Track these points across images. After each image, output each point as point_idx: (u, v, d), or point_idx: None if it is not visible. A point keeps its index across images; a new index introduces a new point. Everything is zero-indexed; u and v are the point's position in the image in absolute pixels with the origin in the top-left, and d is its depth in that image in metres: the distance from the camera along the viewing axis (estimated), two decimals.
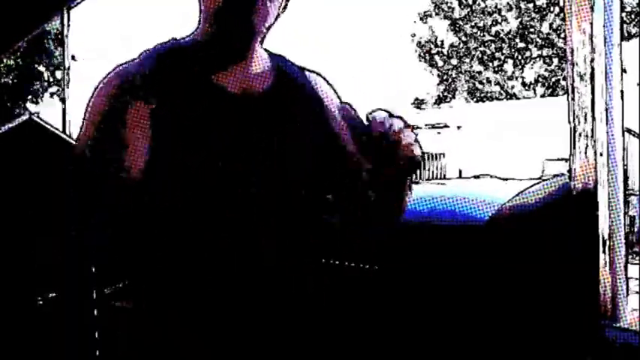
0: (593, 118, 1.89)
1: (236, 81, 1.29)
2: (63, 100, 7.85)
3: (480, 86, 31.93)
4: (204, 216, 1.22)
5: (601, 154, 1.88)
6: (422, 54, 32.91)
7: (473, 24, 31.58)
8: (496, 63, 31.81)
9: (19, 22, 3.64)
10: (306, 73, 1.42)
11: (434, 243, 2.62)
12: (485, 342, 2.40)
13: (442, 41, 32.42)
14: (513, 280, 2.42)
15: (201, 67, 1.28)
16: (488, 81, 31.90)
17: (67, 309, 1.23)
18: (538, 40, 30.86)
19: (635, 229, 10.81)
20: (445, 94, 32.78)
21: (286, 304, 1.27)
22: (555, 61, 30.61)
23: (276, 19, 1.32)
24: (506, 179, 3.76)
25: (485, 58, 31.79)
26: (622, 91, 1.91)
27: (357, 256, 2.73)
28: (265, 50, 1.38)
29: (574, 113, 1.92)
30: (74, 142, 1.30)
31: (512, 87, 31.77)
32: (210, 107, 1.25)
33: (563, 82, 29.02)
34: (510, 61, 31.67)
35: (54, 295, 1.21)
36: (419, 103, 33.35)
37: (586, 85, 1.89)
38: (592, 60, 1.89)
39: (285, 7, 1.34)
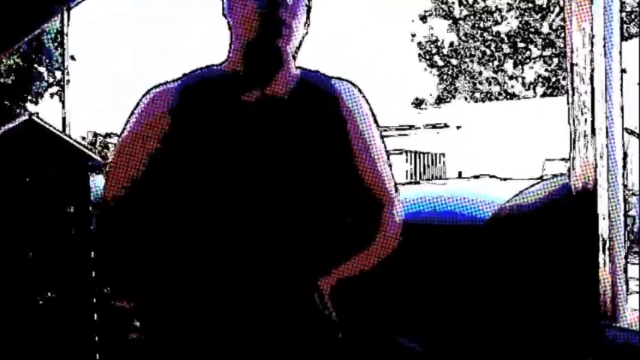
0: (593, 118, 1.89)
1: (260, 99, 1.38)
2: (63, 100, 7.85)
3: (480, 86, 31.92)
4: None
5: (601, 155, 1.88)
6: (422, 54, 32.90)
7: (473, 24, 31.57)
8: (496, 63, 31.80)
9: (19, 22, 3.64)
10: (340, 90, 1.47)
11: (434, 243, 2.62)
12: (485, 342, 2.40)
13: (442, 41, 32.42)
14: (513, 281, 2.41)
15: (230, 89, 1.40)
16: (488, 81, 31.90)
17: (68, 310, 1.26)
18: (538, 40, 30.85)
19: (635, 229, 10.81)
20: (445, 94, 32.78)
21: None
22: (555, 61, 30.60)
23: (303, 37, 1.47)
24: (506, 179, 3.76)
25: (486, 58, 31.78)
26: (622, 91, 1.91)
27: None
28: (301, 68, 1.49)
29: (574, 113, 1.92)
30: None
31: (513, 87, 31.77)
32: (232, 122, 1.36)
33: (563, 82, 29.02)
34: (510, 61, 31.66)
35: (54, 295, 1.22)
36: (419, 103, 33.35)
37: (586, 85, 1.89)
38: (592, 60, 1.88)
39: (308, 25, 1.48)
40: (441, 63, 32.69)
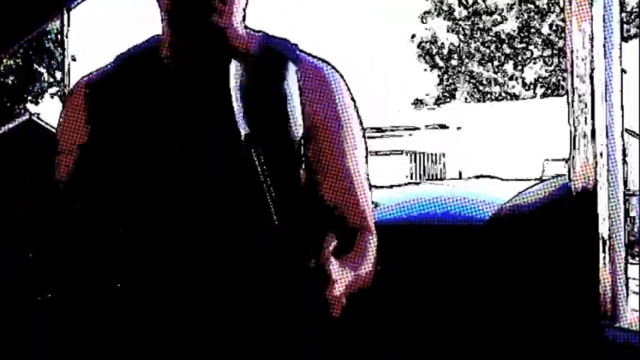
0: (593, 119, 1.89)
1: (200, 69, 1.21)
2: (63, 100, 7.87)
3: (480, 86, 31.94)
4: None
5: (601, 154, 1.88)
6: (422, 54, 32.92)
7: (473, 24, 31.58)
8: (496, 63, 31.82)
9: (19, 22, 3.65)
10: (315, 66, 1.26)
11: (434, 244, 2.62)
12: (485, 342, 2.40)
13: (442, 42, 32.44)
14: (513, 281, 2.41)
15: (163, 62, 1.24)
16: (489, 81, 31.91)
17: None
18: (538, 40, 30.86)
19: (635, 229, 10.81)
20: (445, 94, 32.79)
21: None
22: (555, 61, 30.61)
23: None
24: (506, 179, 3.77)
25: (486, 58, 31.80)
26: (622, 91, 1.91)
27: None
28: (264, 33, 1.28)
29: (574, 113, 1.92)
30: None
31: (513, 87, 31.79)
32: (168, 94, 1.21)
33: (563, 83, 29.03)
34: (510, 62, 31.68)
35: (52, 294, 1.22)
36: (419, 104, 33.37)
37: (586, 85, 1.89)
38: (592, 60, 1.88)
39: None
40: (441, 63, 32.70)
